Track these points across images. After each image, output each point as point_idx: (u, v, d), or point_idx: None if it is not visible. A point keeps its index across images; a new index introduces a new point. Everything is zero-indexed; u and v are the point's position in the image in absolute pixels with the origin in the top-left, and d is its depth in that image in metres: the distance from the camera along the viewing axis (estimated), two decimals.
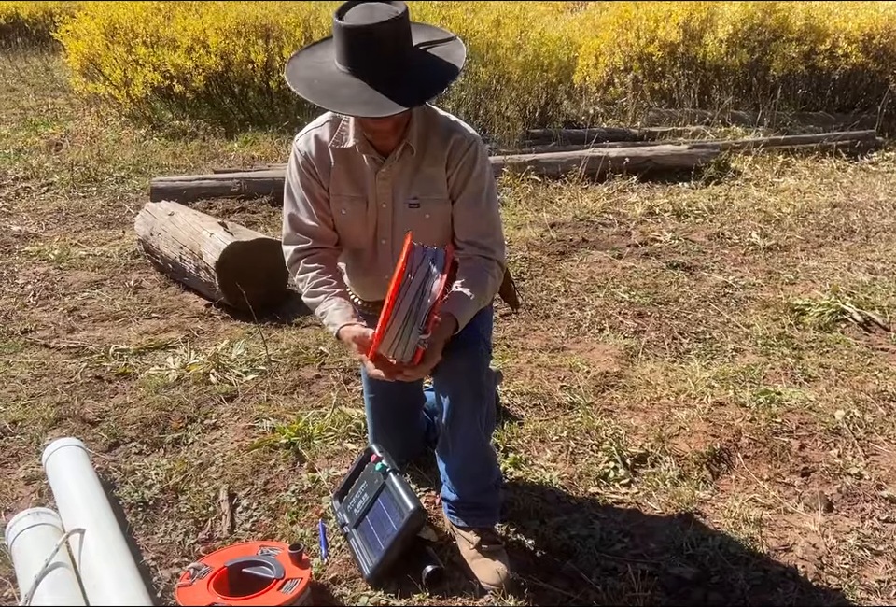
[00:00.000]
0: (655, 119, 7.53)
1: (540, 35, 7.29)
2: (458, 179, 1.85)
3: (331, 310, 1.83)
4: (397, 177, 1.86)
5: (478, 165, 1.85)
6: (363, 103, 1.62)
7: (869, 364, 3.02)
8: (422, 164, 1.85)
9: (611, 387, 2.88)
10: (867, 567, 1.98)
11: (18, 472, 2.37)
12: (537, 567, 1.96)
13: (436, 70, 1.70)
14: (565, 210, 5.10)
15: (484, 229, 1.89)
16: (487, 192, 1.89)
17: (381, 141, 1.82)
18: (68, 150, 6.32)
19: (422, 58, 1.70)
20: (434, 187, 1.86)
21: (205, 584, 1.74)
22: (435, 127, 1.85)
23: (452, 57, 1.72)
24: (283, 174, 5.47)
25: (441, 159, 1.84)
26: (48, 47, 11.12)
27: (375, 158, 1.84)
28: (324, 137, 1.87)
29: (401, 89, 1.62)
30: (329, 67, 1.70)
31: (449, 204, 1.88)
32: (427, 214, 1.87)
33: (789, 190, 5.57)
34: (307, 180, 1.89)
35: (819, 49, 7.46)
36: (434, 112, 1.88)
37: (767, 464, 2.41)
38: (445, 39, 1.75)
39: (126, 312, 3.53)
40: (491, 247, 1.88)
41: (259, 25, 7.26)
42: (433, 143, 1.84)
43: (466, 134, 1.85)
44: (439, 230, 1.91)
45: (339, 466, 2.38)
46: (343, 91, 1.64)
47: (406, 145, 1.81)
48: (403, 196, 1.87)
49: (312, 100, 1.66)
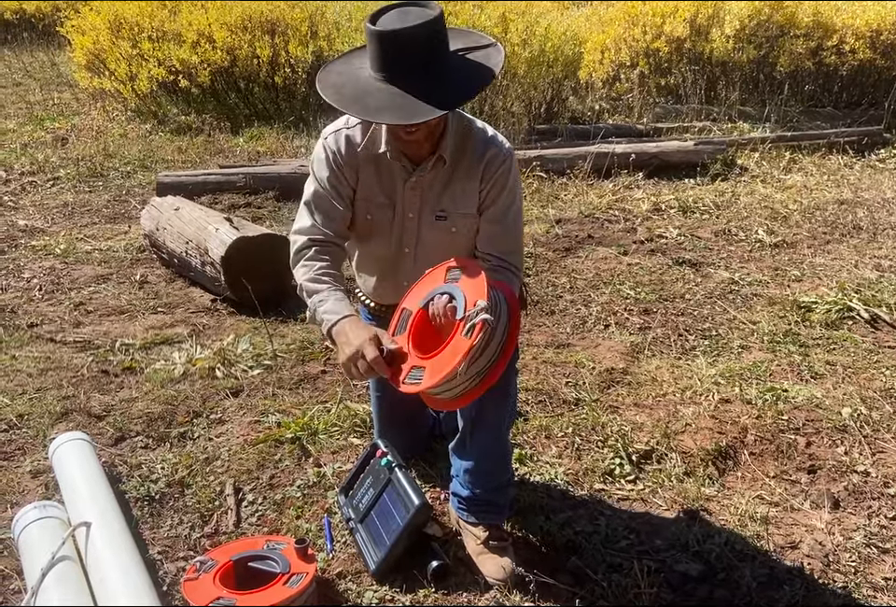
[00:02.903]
0: (661, 115, 7.50)
1: (546, 31, 7.26)
2: (490, 194, 1.82)
3: (333, 300, 1.75)
4: (426, 188, 1.83)
5: (511, 180, 1.83)
6: (393, 109, 1.59)
7: (876, 362, 3.01)
8: (454, 177, 1.81)
9: (617, 383, 2.88)
10: (874, 565, 1.97)
11: (24, 465, 2.37)
12: (542, 563, 1.95)
13: (470, 75, 1.66)
14: (570, 206, 5.09)
15: (508, 246, 1.87)
16: (516, 208, 1.87)
17: (412, 151, 1.78)
18: (74, 145, 6.33)
19: (458, 63, 1.66)
20: (464, 201, 1.83)
21: (211, 577, 1.74)
22: (471, 140, 1.81)
23: (490, 62, 1.67)
24: (288, 169, 5.46)
25: (476, 173, 1.81)
26: (53, 42, 11.13)
27: (406, 166, 1.81)
28: (355, 139, 1.82)
29: (433, 95, 1.58)
30: (362, 74, 1.66)
31: (477, 217, 1.85)
32: (453, 227, 1.85)
33: (795, 186, 5.55)
34: (334, 177, 1.83)
35: (827, 46, 7.42)
36: (471, 123, 1.84)
37: (774, 461, 2.40)
38: (485, 45, 1.72)
39: (132, 306, 3.53)
40: (516, 265, 1.86)
41: (264, 20, 7.25)
42: (468, 155, 1.80)
43: (502, 148, 1.82)
44: (463, 243, 1.88)
45: (344, 461, 2.38)
46: (372, 97, 1.60)
47: (439, 156, 1.78)
48: (431, 208, 1.84)
49: (339, 107, 1.63)
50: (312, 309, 1.78)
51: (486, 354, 1.57)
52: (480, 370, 1.58)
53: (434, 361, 1.58)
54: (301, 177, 5.00)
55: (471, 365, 1.55)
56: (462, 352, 1.50)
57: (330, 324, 1.70)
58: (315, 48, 7.05)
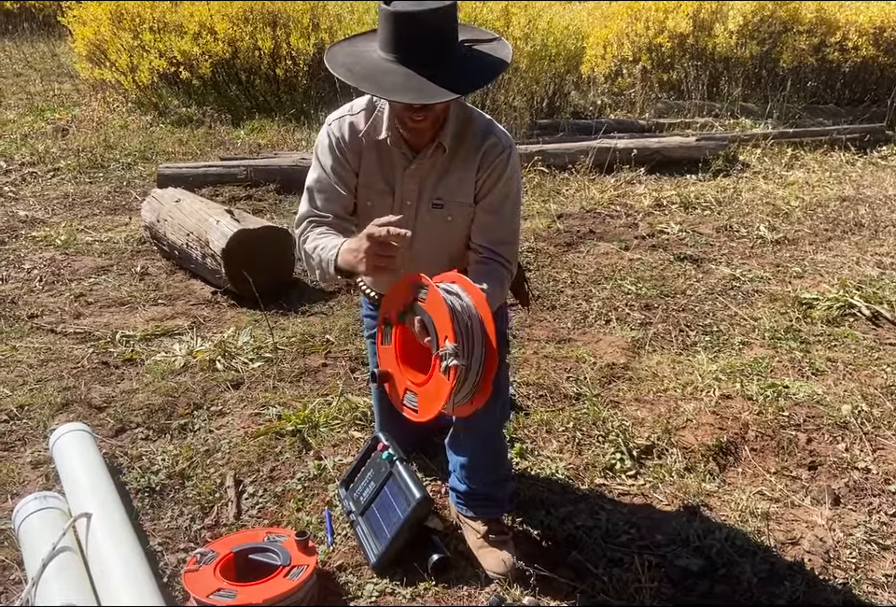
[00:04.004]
0: (663, 110, 7.48)
1: (548, 25, 7.24)
2: (486, 183, 1.81)
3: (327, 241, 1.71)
4: (425, 176, 1.82)
5: (508, 171, 1.81)
6: (407, 89, 1.57)
7: (877, 359, 3.01)
8: (452, 165, 1.81)
9: (618, 378, 2.87)
10: (874, 561, 1.98)
11: (25, 456, 2.37)
12: (543, 557, 1.95)
13: (482, 64, 1.66)
14: (572, 201, 5.08)
15: (502, 237, 1.85)
16: (513, 200, 1.85)
17: (415, 138, 1.78)
18: (74, 136, 6.30)
19: (467, 52, 1.67)
20: (460, 190, 1.82)
21: (212, 569, 1.75)
22: (471, 128, 1.81)
23: (499, 53, 1.69)
24: (289, 162, 5.44)
25: (474, 161, 1.80)
26: (54, 32, 11.07)
27: (406, 153, 1.80)
28: (359, 125, 1.82)
29: (449, 77, 1.57)
30: (370, 55, 1.66)
31: (473, 207, 1.84)
32: (449, 216, 1.84)
33: (797, 183, 5.54)
34: (337, 163, 1.82)
35: (830, 42, 7.41)
36: (471, 112, 1.84)
37: (774, 457, 2.40)
38: (490, 39, 1.73)
39: (132, 298, 3.52)
40: (507, 257, 1.84)
41: (266, 12, 7.22)
42: (467, 144, 1.80)
43: (502, 138, 1.82)
44: (460, 232, 1.88)
45: (345, 454, 2.38)
46: (388, 77, 1.59)
47: (439, 144, 1.78)
48: (428, 196, 1.83)
49: (353, 83, 1.61)
50: (316, 262, 1.72)
51: (469, 381, 1.57)
52: (468, 392, 1.60)
53: (424, 391, 1.61)
54: (302, 170, 4.97)
55: (457, 394, 1.57)
56: (445, 393, 1.53)
57: (333, 258, 1.66)
58: (316, 40, 7.02)
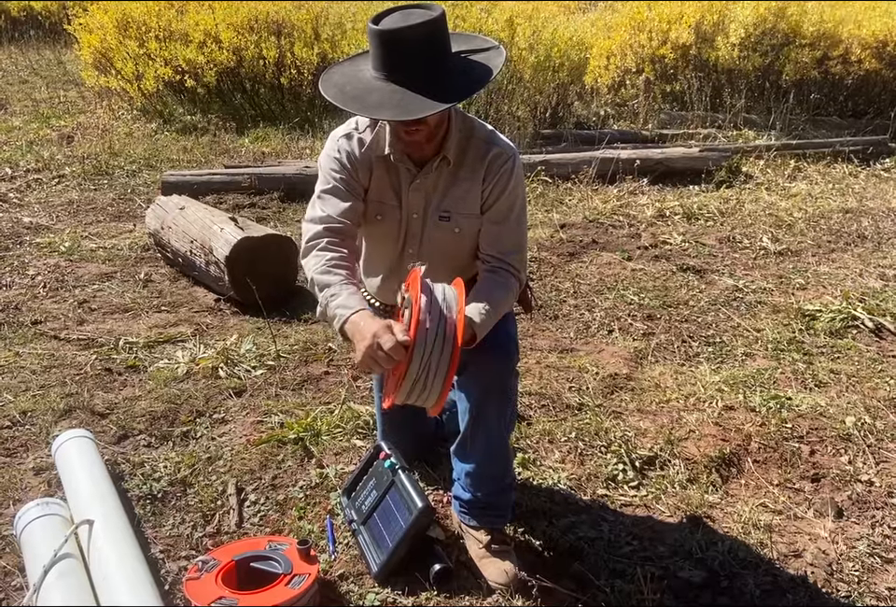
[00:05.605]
0: (667, 121, 7.51)
1: (552, 36, 7.27)
2: (492, 193, 1.82)
3: (346, 294, 1.67)
4: (431, 189, 1.83)
5: (513, 180, 1.82)
6: (391, 106, 1.60)
7: (880, 371, 3.01)
8: (457, 178, 1.82)
9: (620, 389, 2.87)
10: (877, 574, 1.97)
11: (27, 462, 2.37)
12: (545, 567, 1.95)
13: (469, 75, 1.67)
14: (575, 211, 5.09)
15: (510, 246, 1.85)
16: (519, 208, 1.86)
17: (414, 151, 1.79)
18: (79, 143, 6.33)
19: (458, 63, 1.68)
20: (467, 201, 1.83)
21: (213, 577, 1.74)
22: (474, 139, 1.82)
23: (490, 63, 1.70)
24: (293, 170, 5.46)
25: (479, 172, 1.81)
26: (60, 40, 11.14)
27: (409, 168, 1.82)
28: (366, 141, 1.83)
29: (430, 92, 1.59)
30: (364, 74, 1.69)
31: (480, 218, 1.85)
32: (456, 228, 1.85)
33: (800, 194, 5.55)
34: (348, 175, 1.82)
35: (833, 55, 7.44)
36: (473, 123, 1.85)
37: (777, 469, 2.40)
38: (486, 48, 1.73)
39: (136, 305, 3.53)
40: (516, 265, 1.84)
41: (270, 21, 7.27)
42: (471, 155, 1.81)
43: (505, 147, 1.83)
44: (467, 243, 1.89)
45: (347, 462, 2.38)
46: (373, 95, 1.62)
47: (444, 157, 1.79)
48: (435, 208, 1.84)
49: (341, 105, 1.64)
50: (323, 304, 1.71)
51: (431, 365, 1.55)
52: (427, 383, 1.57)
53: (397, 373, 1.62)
54: (306, 178, 5.03)
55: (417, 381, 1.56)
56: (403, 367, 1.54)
57: (343, 319, 1.63)
58: (319, 50, 7.07)
